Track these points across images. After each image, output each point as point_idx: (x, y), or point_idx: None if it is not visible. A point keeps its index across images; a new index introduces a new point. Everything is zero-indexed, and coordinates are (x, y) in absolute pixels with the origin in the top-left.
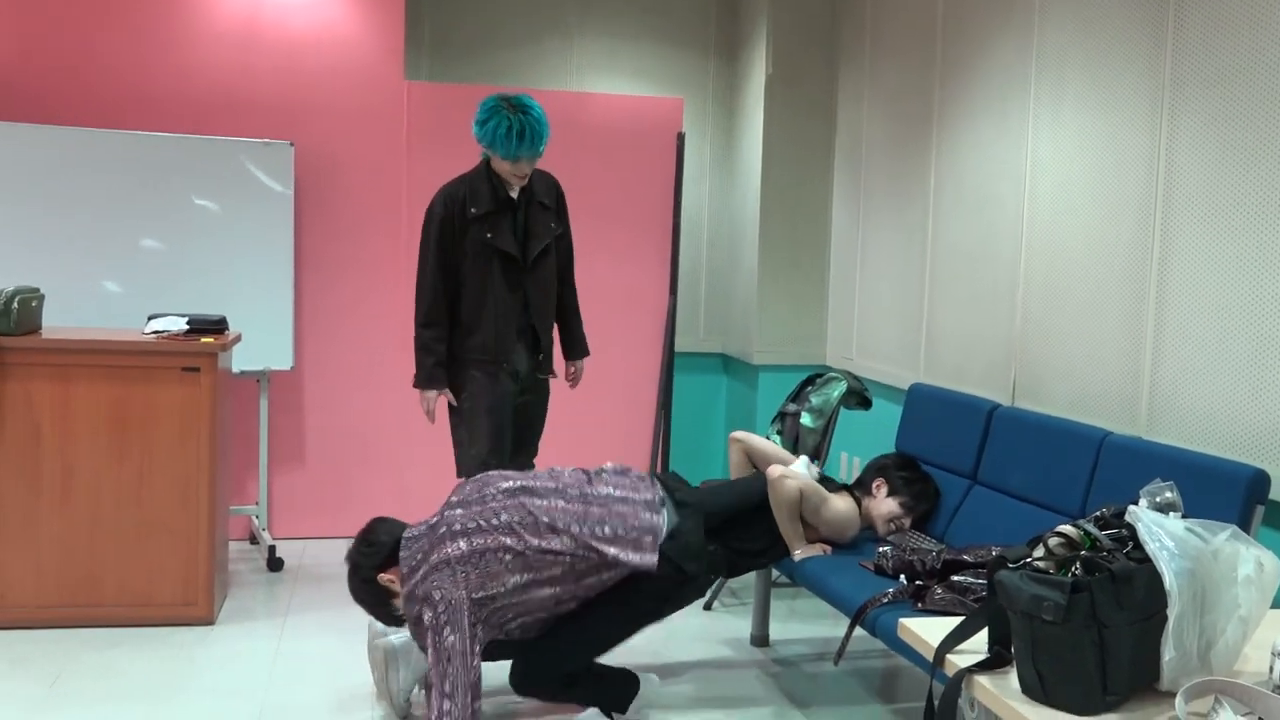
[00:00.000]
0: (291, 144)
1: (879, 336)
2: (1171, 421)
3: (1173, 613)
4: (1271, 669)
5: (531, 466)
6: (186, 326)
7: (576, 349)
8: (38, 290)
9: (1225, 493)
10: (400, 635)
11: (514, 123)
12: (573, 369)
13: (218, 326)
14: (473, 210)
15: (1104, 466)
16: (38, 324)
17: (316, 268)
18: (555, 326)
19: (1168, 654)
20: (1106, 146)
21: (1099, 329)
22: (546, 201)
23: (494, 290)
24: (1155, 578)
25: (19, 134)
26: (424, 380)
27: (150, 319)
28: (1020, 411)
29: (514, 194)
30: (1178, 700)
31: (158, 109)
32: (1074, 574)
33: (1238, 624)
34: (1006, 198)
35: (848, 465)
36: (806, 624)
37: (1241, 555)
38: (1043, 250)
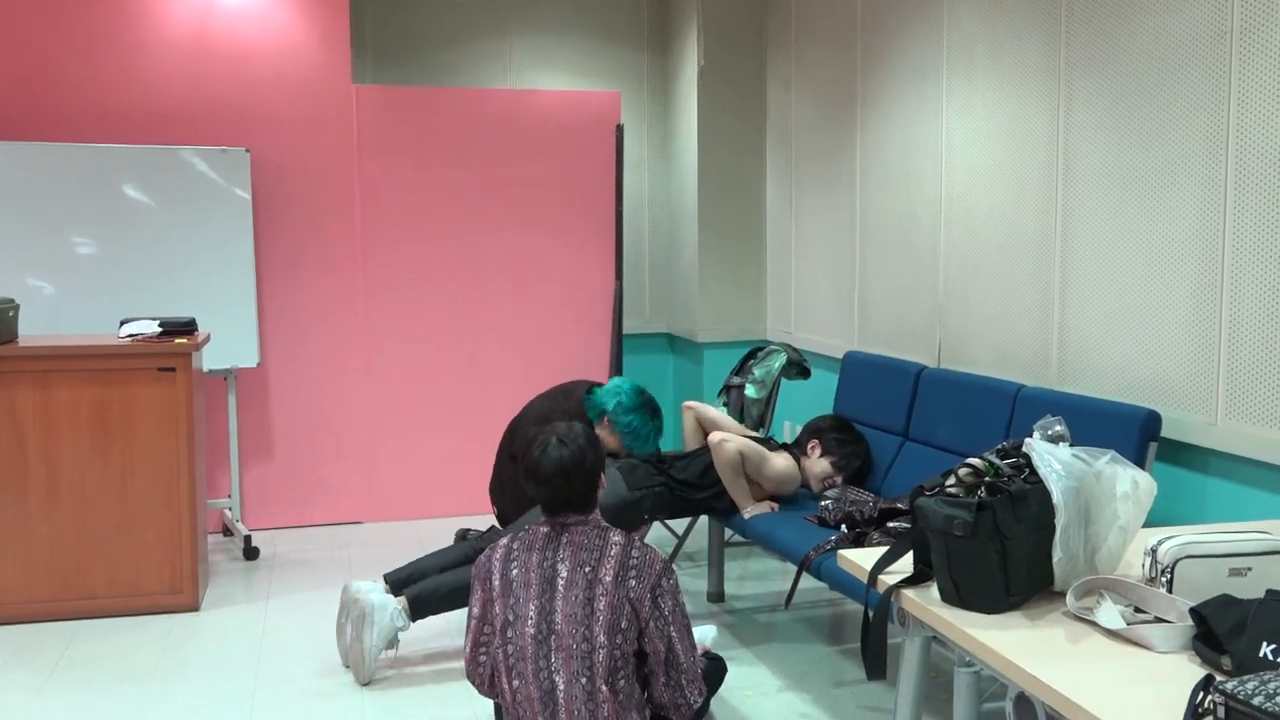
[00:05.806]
0: (247, 150)
1: (815, 309)
2: (1079, 373)
3: (1060, 523)
4: (1144, 566)
5: None
6: (159, 329)
7: None
8: (13, 300)
9: (1124, 431)
10: (376, 594)
11: (653, 429)
12: None
13: (188, 328)
14: None
15: (1020, 415)
16: (14, 333)
17: (277, 269)
18: None
19: (1056, 555)
20: (1012, 125)
21: (1012, 293)
22: None
23: None
24: (1047, 496)
25: None
26: None
27: (123, 323)
28: (944, 372)
29: None
30: (1068, 596)
31: (115, 122)
32: (979, 496)
33: (1118, 533)
34: (925, 174)
35: (790, 432)
36: (759, 581)
37: (1119, 475)
38: (960, 222)
